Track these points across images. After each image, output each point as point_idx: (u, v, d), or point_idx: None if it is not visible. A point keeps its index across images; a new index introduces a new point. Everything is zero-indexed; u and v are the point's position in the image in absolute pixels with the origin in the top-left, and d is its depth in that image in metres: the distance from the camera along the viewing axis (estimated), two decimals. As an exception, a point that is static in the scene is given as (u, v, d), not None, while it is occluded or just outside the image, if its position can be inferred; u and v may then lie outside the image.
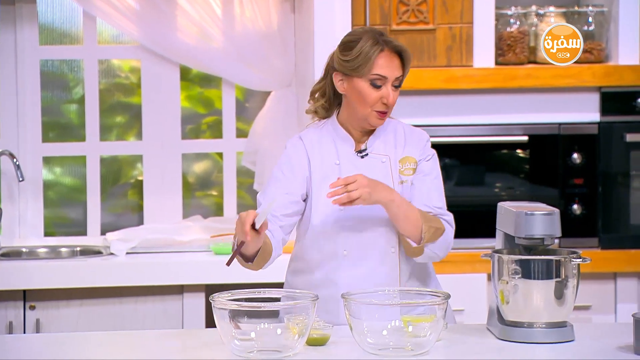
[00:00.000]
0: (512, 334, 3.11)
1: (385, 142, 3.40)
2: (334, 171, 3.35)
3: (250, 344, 2.92)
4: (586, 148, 4.81)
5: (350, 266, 3.34)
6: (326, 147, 3.39)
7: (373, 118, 3.33)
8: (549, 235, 3.15)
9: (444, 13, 4.74)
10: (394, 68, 3.31)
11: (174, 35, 4.98)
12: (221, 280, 4.53)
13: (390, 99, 3.30)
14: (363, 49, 3.30)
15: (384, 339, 2.96)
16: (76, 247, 4.97)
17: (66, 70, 5.19)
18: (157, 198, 5.11)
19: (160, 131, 5.13)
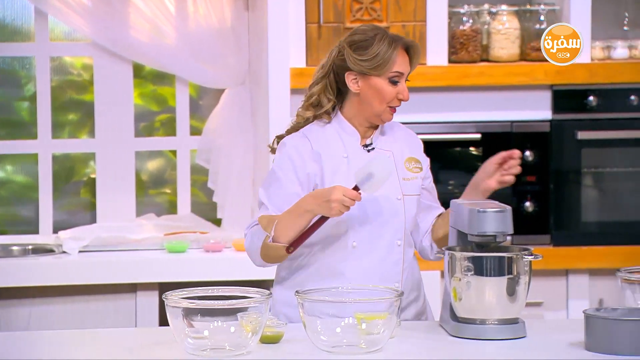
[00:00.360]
0: (465, 331, 3.13)
1: (388, 139, 3.47)
2: (343, 164, 3.39)
3: (203, 342, 2.91)
4: (538, 146, 4.84)
5: (357, 258, 3.36)
6: (333, 141, 3.41)
7: (387, 114, 3.39)
8: (501, 233, 3.17)
9: (397, 11, 4.75)
10: (406, 63, 3.39)
11: (127, 33, 4.95)
12: (175, 278, 4.51)
13: (405, 94, 3.38)
14: (381, 48, 3.35)
15: (337, 337, 2.96)
16: (28, 245, 4.93)
17: (18, 67, 5.15)
18: (110, 196, 5.08)
19: (113, 129, 5.10)
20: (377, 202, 3.37)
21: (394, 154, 3.43)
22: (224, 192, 5.03)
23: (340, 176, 3.37)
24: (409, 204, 3.41)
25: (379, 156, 3.34)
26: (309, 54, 4.76)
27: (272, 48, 4.69)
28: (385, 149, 3.44)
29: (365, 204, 3.35)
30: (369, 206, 3.36)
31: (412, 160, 3.47)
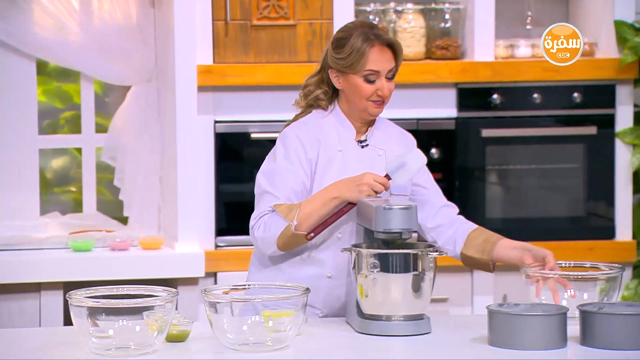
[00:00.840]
0: (371, 327, 3.15)
1: (382, 137, 3.50)
2: (337, 157, 3.43)
3: (108, 342, 2.89)
4: (444, 143, 4.89)
5: (339, 247, 3.37)
6: (330, 133, 3.45)
7: (371, 108, 3.42)
8: (407, 229, 3.20)
9: (304, 9, 4.76)
10: (386, 61, 3.39)
11: (30, 29, 4.88)
12: (80, 277, 4.47)
13: (385, 91, 3.40)
14: (354, 46, 3.38)
15: (244, 335, 2.96)
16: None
17: None
18: (13, 194, 5.00)
19: (16, 126, 5.02)
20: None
21: (386, 153, 3.47)
22: (130, 190, 4.99)
23: (333, 169, 3.40)
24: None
25: (414, 149, 3.41)
26: (215, 51, 4.75)
27: (178, 45, 4.66)
28: (378, 147, 3.48)
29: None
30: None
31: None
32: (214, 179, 4.76)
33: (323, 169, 3.42)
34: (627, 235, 4.96)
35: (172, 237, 4.76)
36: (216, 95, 4.78)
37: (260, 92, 4.80)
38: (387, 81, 3.41)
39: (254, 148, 4.78)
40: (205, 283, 4.64)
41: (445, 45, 4.90)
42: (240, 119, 4.79)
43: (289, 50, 4.78)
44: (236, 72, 4.73)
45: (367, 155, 3.46)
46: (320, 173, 3.41)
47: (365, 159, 3.45)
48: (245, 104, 4.79)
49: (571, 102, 4.94)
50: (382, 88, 3.39)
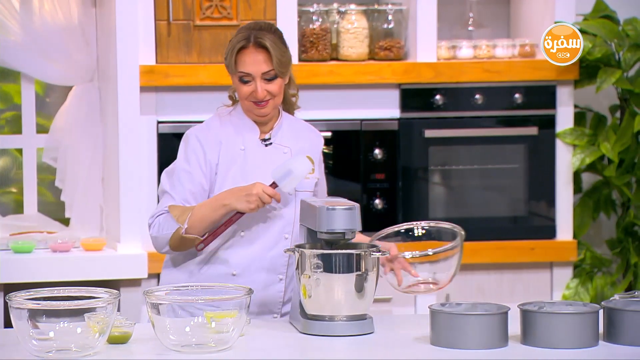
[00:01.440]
0: (314, 328, 3.15)
1: (288, 135, 3.52)
2: (239, 157, 3.46)
3: (48, 344, 2.87)
4: (387, 144, 4.91)
5: (243, 247, 3.42)
6: (232, 133, 3.48)
7: (254, 109, 3.46)
8: (350, 230, 3.21)
9: (247, 9, 4.75)
10: (257, 63, 3.42)
11: (-30, 28, 4.82)
12: (21, 279, 4.42)
13: (258, 94, 3.42)
14: (230, 47, 3.45)
15: (186, 336, 2.95)
16: None
17: None
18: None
19: (-45, 126, 4.96)
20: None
21: (291, 151, 3.50)
22: (72, 191, 4.94)
23: (236, 168, 3.44)
24: (300, 200, 3.43)
25: (298, 154, 3.43)
26: (158, 51, 4.72)
27: (120, 45, 4.63)
28: (284, 145, 3.50)
29: None
30: None
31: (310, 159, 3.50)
32: (157, 179, 4.74)
33: (225, 170, 3.45)
34: (568, 235, 5.01)
35: (115, 239, 4.73)
36: (159, 96, 4.75)
37: (203, 93, 4.78)
38: (267, 82, 3.43)
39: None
40: (148, 284, 4.61)
41: (388, 46, 4.92)
42: (183, 120, 4.77)
43: (232, 50, 4.76)
44: (179, 72, 4.71)
45: (271, 153, 3.49)
46: (222, 173, 3.45)
47: (269, 158, 3.47)
48: (188, 104, 4.77)
49: (512, 103, 4.97)
50: (255, 91, 3.42)
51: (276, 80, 3.44)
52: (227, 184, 3.43)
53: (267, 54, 3.42)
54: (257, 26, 3.46)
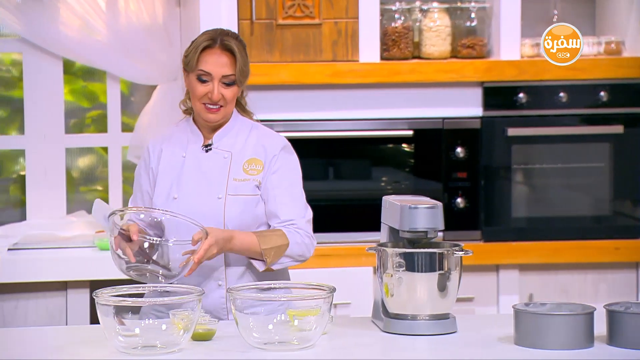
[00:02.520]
0: (396, 327, 3.15)
1: (233, 140, 3.48)
2: (179, 163, 3.47)
3: (134, 340, 2.90)
4: (469, 142, 4.88)
5: (176, 253, 3.35)
6: (178, 141, 3.50)
7: (204, 112, 3.42)
8: (432, 229, 3.20)
9: (330, 8, 4.76)
10: (221, 66, 3.38)
11: (57, 29, 4.90)
12: (106, 276, 4.48)
13: (214, 96, 3.38)
14: (193, 45, 3.42)
15: (269, 334, 2.96)
16: (-42, 242, 4.87)
17: (-55, 63, 5.08)
18: (40, 193, 5.03)
19: (43, 125, 5.05)
20: (196, 200, 3.41)
21: (232, 154, 3.46)
22: (155, 189, 4.99)
23: (173, 175, 3.44)
24: (232, 204, 3.40)
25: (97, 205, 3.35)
26: (241, 50, 4.75)
27: (204, 44, 4.66)
28: (225, 150, 3.46)
29: (185, 202, 3.40)
30: (188, 204, 3.40)
31: (253, 162, 3.46)
32: (239, 178, 4.77)
33: (163, 176, 3.46)
34: (653, 234, 4.94)
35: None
36: (241, 95, 4.78)
37: (285, 92, 4.80)
38: (223, 87, 3.39)
39: (279, 147, 4.79)
40: (231, 282, 4.64)
41: (470, 44, 4.89)
42: (265, 118, 4.78)
43: (314, 49, 4.78)
44: (261, 71, 4.74)
45: (210, 159, 3.45)
46: (160, 180, 3.46)
47: (207, 164, 3.45)
48: (269, 103, 4.80)
49: (597, 101, 4.91)
50: (212, 91, 3.38)
51: (233, 87, 3.40)
52: (164, 189, 3.43)
53: (232, 58, 3.39)
54: (224, 32, 3.44)
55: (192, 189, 3.42)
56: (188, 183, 3.43)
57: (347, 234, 4.82)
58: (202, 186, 3.41)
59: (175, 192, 3.43)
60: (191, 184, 3.42)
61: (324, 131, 4.80)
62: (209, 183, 3.42)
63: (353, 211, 4.84)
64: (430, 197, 3.37)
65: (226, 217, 3.39)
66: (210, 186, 3.41)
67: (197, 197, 3.41)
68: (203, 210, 3.38)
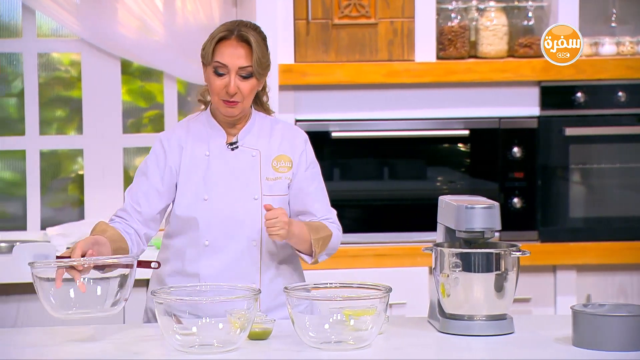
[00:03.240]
0: (452, 327, 3.14)
1: (259, 136, 3.42)
2: (204, 162, 3.38)
3: (191, 339, 2.91)
4: (526, 142, 4.85)
5: (210, 256, 3.35)
6: (198, 138, 3.41)
7: (222, 107, 3.35)
8: (489, 229, 3.18)
9: (386, 7, 4.75)
10: (237, 57, 3.31)
11: (115, 29, 4.95)
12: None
13: (231, 88, 3.30)
14: (209, 38, 3.35)
15: (325, 333, 2.96)
16: (15, 242, 4.91)
17: (5, 63, 5.14)
18: (98, 192, 5.07)
19: (101, 125, 5.09)
20: (230, 201, 3.35)
21: (260, 153, 3.40)
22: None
23: (198, 174, 3.36)
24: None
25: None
26: (297, 50, 4.76)
27: (260, 44, 4.68)
28: (252, 147, 3.40)
29: (218, 203, 3.34)
30: (222, 205, 3.35)
31: (282, 159, 3.42)
32: (295, 177, 4.78)
33: (186, 176, 3.37)
34: None
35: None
36: (297, 94, 4.80)
37: (341, 91, 4.81)
38: (241, 80, 3.32)
39: (334, 147, 4.79)
40: (286, 281, 4.65)
41: (528, 43, 4.86)
42: (320, 118, 4.81)
43: (369, 49, 4.77)
44: (317, 71, 4.74)
45: (236, 157, 3.39)
46: (183, 180, 3.37)
47: (235, 162, 3.38)
48: (325, 103, 4.80)
49: (656, 101, 4.87)
50: (228, 84, 3.30)
51: (250, 80, 3.32)
52: (190, 189, 3.36)
53: (249, 49, 3.30)
54: (243, 23, 3.35)
55: (224, 189, 3.36)
56: (218, 183, 3.36)
57: (403, 234, 4.81)
58: (234, 187, 3.36)
59: (204, 193, 3.35)
60: (222, 185, 3.36)
61: (380, 131, 4.80)
62: (241, 183, 3.36)
63: (408, 211, 4.83)
64: (486, 197, 3.35)
65: (263, 218, 3.32)
66: (244, 187, 3.36)
67: (230, 198, 3.35)
68: (239, 212, 3.35)
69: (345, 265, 4.66)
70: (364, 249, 4.72)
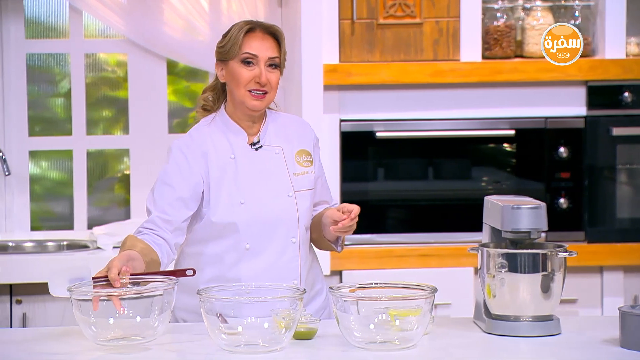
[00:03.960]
0: (498, 328, 3.12)
1: (277, 134, 3.44)
2: (231, 166, 3.37)
3: (237, 338, 2.92)
4: (572, 142, 4.82)
5: (251, 259, 3.35)
6: (219, 142, 3.39)
7: (249, 100, 3.34)
8: (536, 229, 3.16)
9: (431, 7, 4.74)
10: (266, 48, 3.34)
11: (161, 29, 4.97)
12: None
13: (262, 78, 3.32)
14: (233, 31, 3.36)
15: (370, 333, 2.96)
16: (63, 241, 4.97)
17: (52, 64, 5.18)
18: (143, 192, 5.10)
19: (147, 125, 5.12)
20: (267, 201, 3.35)
21: (283, 150, 3.41)
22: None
23: (229, 179, 3.35)
24: (301, 200, 3.38)
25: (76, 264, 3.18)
26: (342, 50, 4.76)
27: (305, 44, 4.69)
28: (274, 145, 3.41)
29: (255, 205, 3.34)
30: (259, 207, 3.34)
31: (303, 153, 3.44)
32: (339, 177, 4.78)
33: (217, 180, 3.35)
34: None
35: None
36: (341, 94, 4.80)
37: (385, 91, 4.80)
38: (269, 70, 3.33)
39: (379, 147, 4.79)
40: (331, 281, 4.66)
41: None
42: (365, 118, 4.80)
43: (414, 48, 4.77)
44: (361, 70, 4.74)
45: (261, 157, 3.39)
46: (215, 185, 3.34)
47: (261, 162, 3.38)
48: (370, 102, 4.80)
49: None
50: (260, 74, 3.31)
51: (277, 71, 3.35)
52: (223, 195, 3.34)
53: (275, 41, 3.35)
54: (257, 21, 3.40)
55: (258, 191, 3.35)
56: (251, 185, 3.36)
57: (448, 234, 4.79)
58: (267, 187, 3.36)
59: (239, 197, 3.34)
60: (255, 186, 3.36)
61: (425, 131, 4.79)
62: (273, 183, 3.37)
63: (453, 211, 4.82)
64: (532, 197, 3.34)
65: (299, 214, 3.37)
66: (276, 185, 3.37)
67: (266, 199, 3.35)
68: (277, 211, 3.35)
69: (391, 265, 4.66)
70: (409, 249, 4.72)
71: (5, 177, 4.99)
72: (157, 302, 2.93)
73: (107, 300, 2.93)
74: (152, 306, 2.93)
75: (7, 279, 4.51)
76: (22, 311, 4.51)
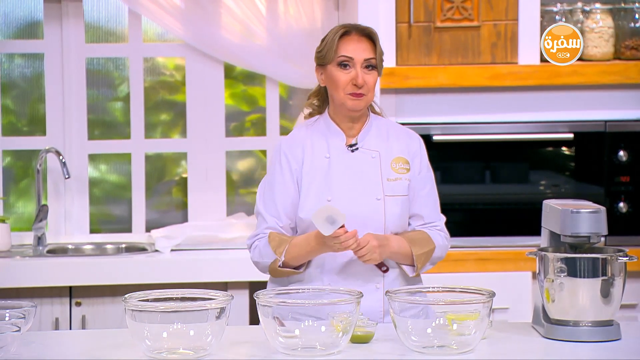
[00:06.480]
0: (558, 333, 3.10)
1: (377, 138, 3.46)
2: (324, 165, 3.42)
3: (294, 342, 2.93)
4: (633, 145, 4.77)
5: (335, 258, 3.38)
6: (318, 141, 3.45)
7: (348, 101, 3.39)
8: (595, 233, 3.13)
9: (489, 10, 4.72)
10: (361, 50, 3.38)
11: (218, 33, 5.00)
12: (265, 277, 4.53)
13: (359, 80, 3.36)
14: (329, 36, 3.42)
15: (428, 337, 2.95)
16: (121, 244, 5.01)
17: (111, 68, 5.22)
18: (201, 195, 5.13)
19: (204, 129, 5.15)
20: (354, 201, 3.37)
21: (380, 154, 3.43)
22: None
23: (320, 178, 3.39)
24: (390, 205, 3.39)
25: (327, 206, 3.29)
26: (399, 53, 4.75)
27: (362, 48, 4.68)
28: (371, 149, 3.43)
29: (342, 203, 3.35)
30: (346, 206, 3.34)
31: (400, 161, 3.44)
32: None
33: (309, 179, 3.39)
34: None
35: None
36: (398, 97, 4.79)
37: (442, 94, 4.78)
38: (366, 72, 3.37)
39: (436, 150, 4.77)
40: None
41: (635, 45, 4.77)
42: (422, 121, 4.79)
43: (472, 51, 4.74)
44: (418, 74, 4.73)
45: (357, 158, 3.41)
46: (306, 183, 3.39)
47: (355, 164, 3.40)
48: (427, 106, 4.79)
49: None
50: (356, 76, 3.35)
51: (374, 72, 3.39)
52: (312, 191, 3.38)
53: (370, 43, 3.39)
54: (354, 24, 3.44)
55: (346, 190, 3.39)
56: (340, 184, 3.40)
57: (506, 238, 4.76)
58: (356, 187, 3.39)
59: (327, 194, 3.38)
60: (344, 186, 3.40)
61: (482, 134, 4.76)
62: (363, 184, 3.40)
63: (511, 215, 4.79)
64: (591, 201, 3.31)
65: (387, 218, 3.39)
66: (366, 187, 3.40)
67: (353, 198, 3.38)
68: (362, 212, 3.38)
69: (448, 269, 4.63)
70: (467, 252, 4.69)
71: (65, 180, 5.04)
72: (212, 315, 2.93)
73: (162, 312, 2.94)
74: (207, 319, 2.93)
75: (66, 281, 4.55)
76: (81, 313, 4.55)
